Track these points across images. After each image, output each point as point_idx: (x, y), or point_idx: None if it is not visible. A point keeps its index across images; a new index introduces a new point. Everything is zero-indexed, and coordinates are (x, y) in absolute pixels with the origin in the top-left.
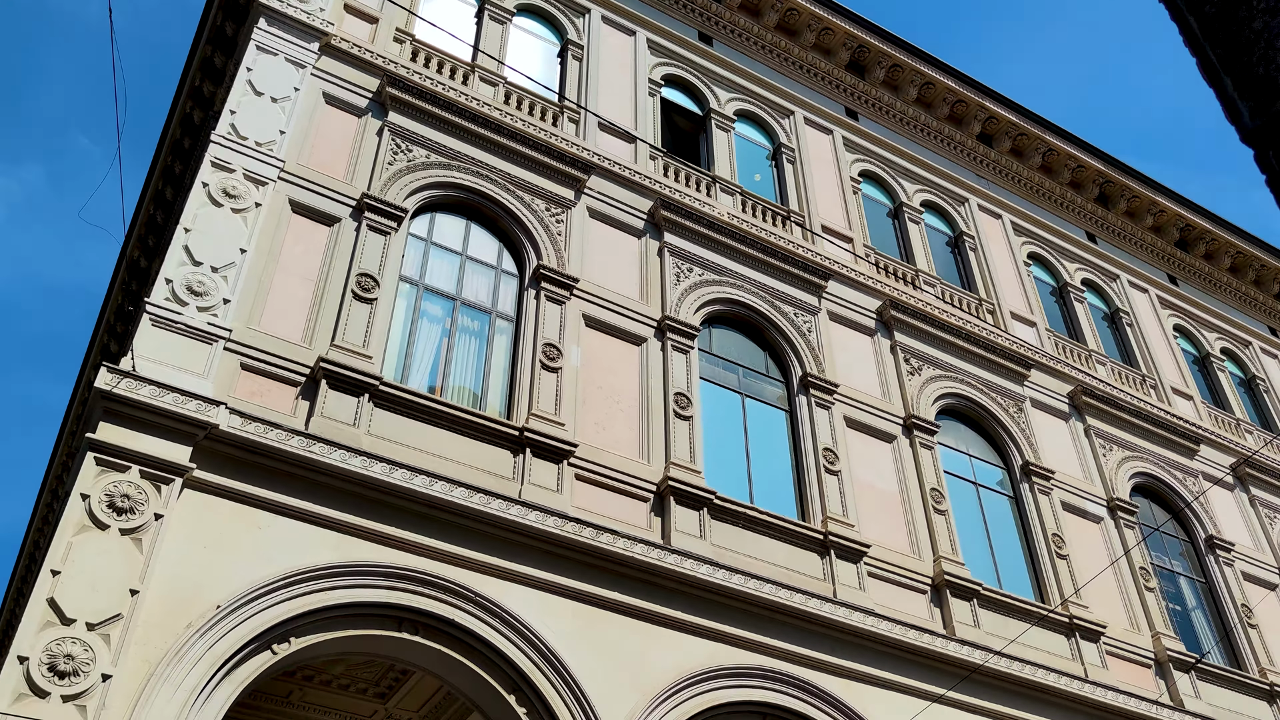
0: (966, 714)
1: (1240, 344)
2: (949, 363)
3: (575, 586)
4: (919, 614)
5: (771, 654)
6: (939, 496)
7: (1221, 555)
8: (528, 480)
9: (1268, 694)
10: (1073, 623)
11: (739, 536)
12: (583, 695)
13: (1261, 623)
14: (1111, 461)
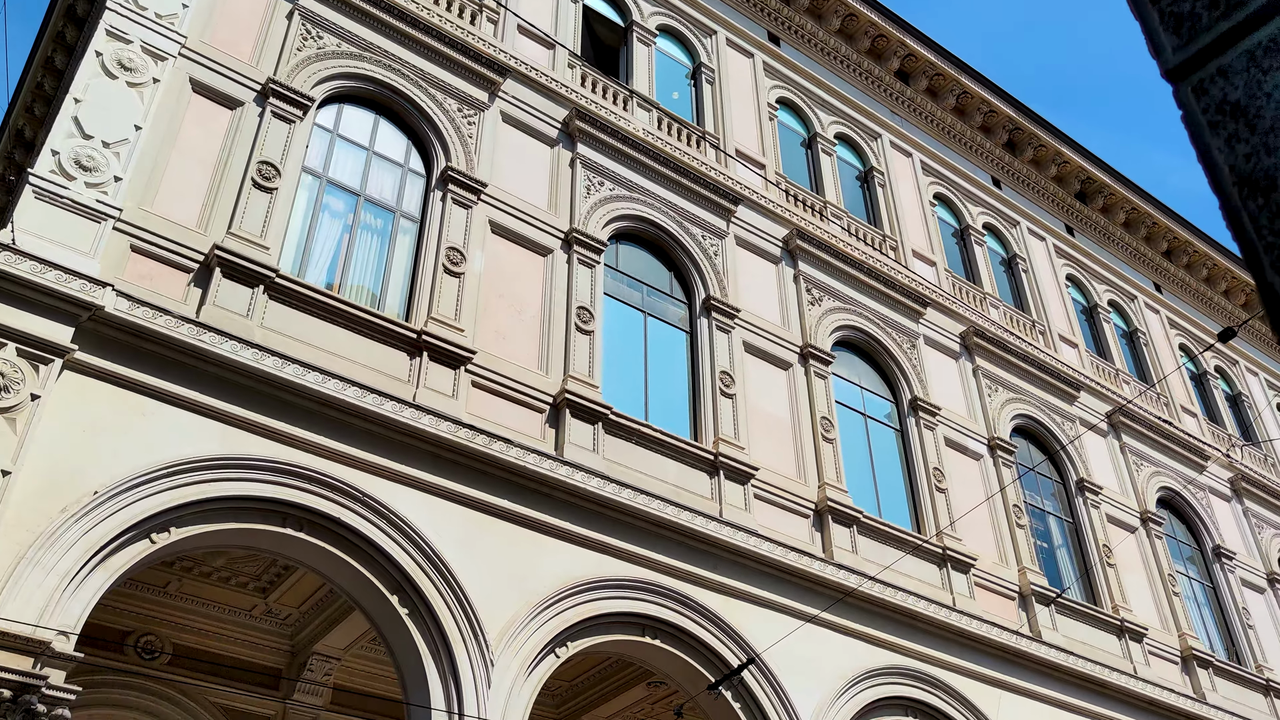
0: (838, 635)
1: (1127, 297)
2: (849, 295)
3: (465, 492)
4: (800, 537)
5: (656, 568)
6: (828, 425)
7: (1090, 497)
8: (423, 384)
9: (1118, 629)
10: (945, 553)
11: (632, 452)
12: (466, 599)
13: (1120, 563)
14: (996, 402)
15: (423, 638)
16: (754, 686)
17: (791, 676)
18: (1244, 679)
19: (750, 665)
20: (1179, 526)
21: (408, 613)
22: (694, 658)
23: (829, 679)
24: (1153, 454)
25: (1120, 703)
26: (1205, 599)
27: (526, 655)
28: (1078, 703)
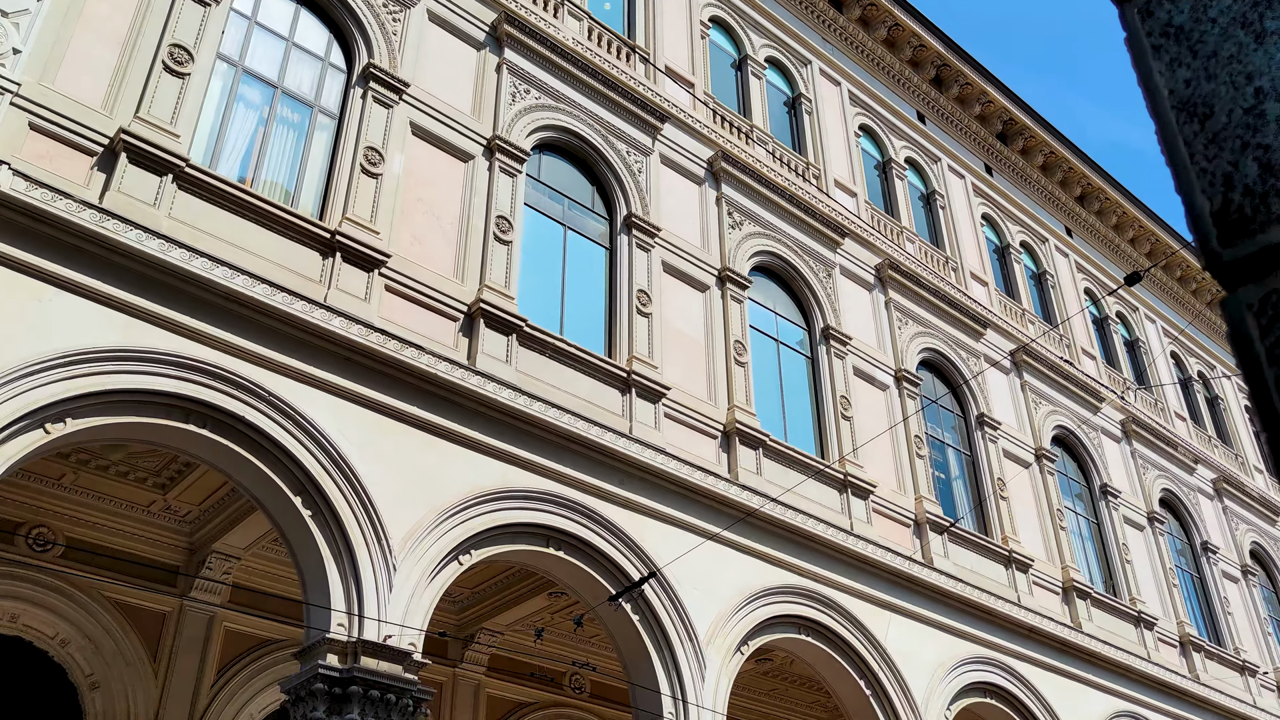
0: (738, 553)
1: (1038, 240)
2: (769, 221)
3: (374, 397)
4: (708, 457)
5: (563, 481)
6: (741, 349)
7: (988, 432)
8: (335, 285)
9: (1005, 559)
10: (847, 479)
11: (545, 366)
12: (370, 503)
13: (1012, 496)
14: (905, 335)
15: (325, 540)
16: (653, 600)
17: (690, 591)
18: (1118, 610)
19: (651, 579)
20: (1070, 464)
21: (311, 514)
22: (596, 570)
23: (727, 595)
24: (1051, 393)
25: (1003, 629)
26: (1089, 534)
27: (429, 562)
28: (963, 628)
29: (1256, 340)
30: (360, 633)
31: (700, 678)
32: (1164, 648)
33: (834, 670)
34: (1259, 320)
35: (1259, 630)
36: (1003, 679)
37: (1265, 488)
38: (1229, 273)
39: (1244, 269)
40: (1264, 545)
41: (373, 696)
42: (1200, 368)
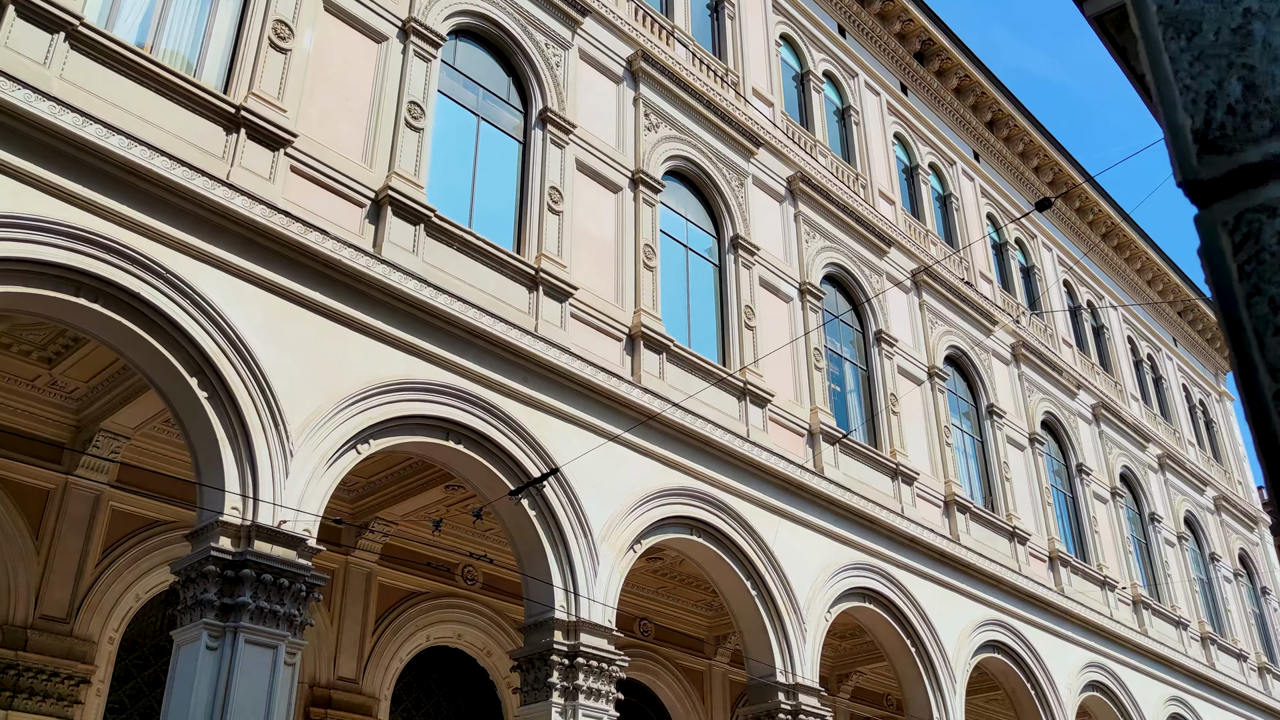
0: (637, 455)
1: (946, 162)
2: (686, 125)
3: (275, 280)
4: (612, 359)
5: (466, 375)
6: (650, 253)
7: (885, 349)
8: (238, 162)
9: (893, 471)
10: (746, 388)
11: (452, 258)
12: (269, 388)
13: (903, 412)
14: (812, 248)
15: (221, 423)
16: (551, 497)
17: (588, 490)
18: (995, 525)
19: (551, 477)
20: (960, 383)
21: (207, 396)
22: (496, 465)
23: (623, 495)
24: (947, 314)
25: (886, 538)
26: (973, 451)
27: (327, 449)
28: (849, 535)
29: (1229, 257)
30: (255, 517)
31: (593, 573)
32: (1034, 562)
33: (722, 571)
34: (1232, 237)
35: (1121, 549)
36: (882, 585)
37: (1140, 415)
38: (1205, 190)
39: (1220, 187)
40: (1133, 470)
41: (265, 581)
42: (1090, 297)
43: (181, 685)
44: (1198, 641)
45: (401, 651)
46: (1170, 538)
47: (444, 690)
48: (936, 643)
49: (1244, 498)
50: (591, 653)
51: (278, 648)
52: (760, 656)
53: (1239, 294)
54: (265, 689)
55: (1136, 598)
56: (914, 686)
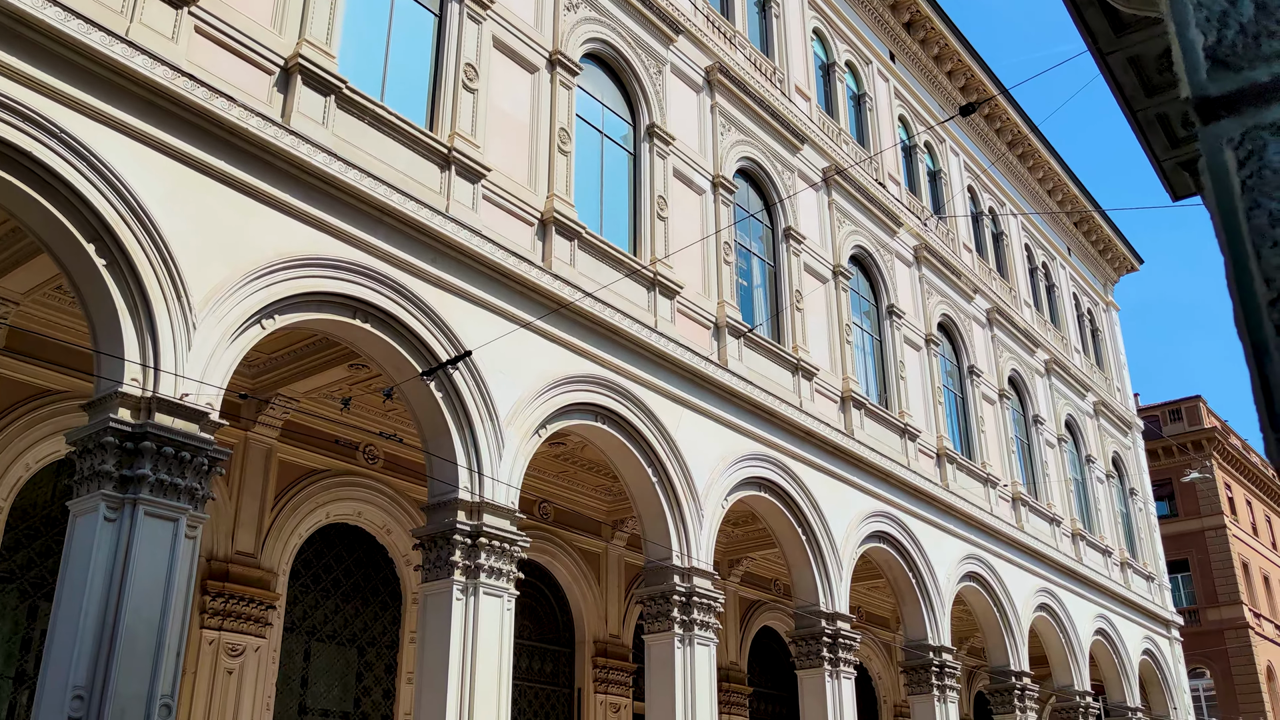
0: (545, 342)
1: (863, 61)
2: (605, 7)
3: (178, 146)
4: (523, 244)
5: (375, 254)
6: (566, 137)
7: (793, 245)
8: (138, 19)
9: (794, 366)
10: (656, 278)
11: (363, 133)
12: (171, 258)
13: (807, 308)
14: (727, 141)
15: (120, 292)
16: (458, 379)
17: (495, 374)
18: (887, 421)
19: (461, 360)
20: (864, 283)
21: (105, 264)
22: (403, 346)
23: (530, 381)
24: (855, 213)
25: (784, 431)
26: (871, 350)
27: (231, 324)
28: (748, 427)
29: (1232, 171)
30: (155, 389)
31: (498, 456)
32: (923, 458)
33: (625, 457)
34: (1237, 153)
35: (1005, 449)
36: (778, 476)
37: (1031, 321)
38: (1212, 106)
39: (1228, 103)
40: (1021, 373)
41: (166, 454)
42: (992, 204)
43: (78, 556)
44: (1069, 537)
45: (301, 528)
46: (1051, 439)
47: (343, 566)
48: (826, 531)
49: (1121, 403)
50: (494, 533)
51: (178, 520)
52: (658, 540)
53: (1240, 207)
54: (165, 561)
55: (1016, 495)
56: (802, 572)
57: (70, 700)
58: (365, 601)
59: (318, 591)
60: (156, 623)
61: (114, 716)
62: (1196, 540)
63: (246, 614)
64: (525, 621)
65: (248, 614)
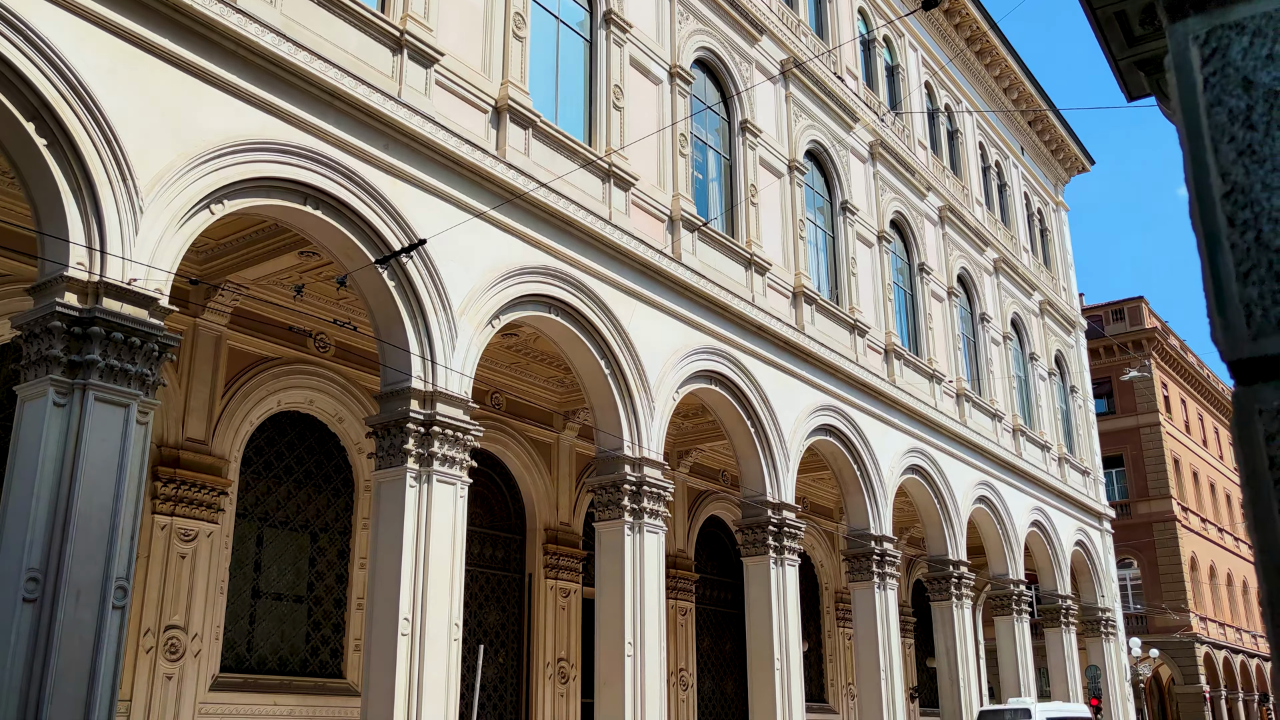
0: (499, 232)
1: None
2: None
3: (122, 24)
4: (477, 132)
5: (326, 139)
6: (521, 22)
7: (749, 139)
8: None
9: (747, 261)
10: (611, 170)
11: (312, 12)
12: (115, 139)
13: (761, 203)
14: (684, 30)
15: (63, 173)
16: (411, 269)
17: (448, 264)
18: (838, 317)
19: (414, 249)
20: (818, 178)
21: (46, 144)
22: (355, 234)
23: (484, 271)
24: (812, 108)
25: (736, 325)
26: (824, 245)
27: (179, 208)
28: (702, 321)
29: (1196, 68)
30: (103, 273)
31: (451, 346)
32: (871, 353)
33: (578, 349)
34: (1201, 50)
35: (951, 345)
36: (729, 369)
37: (982, 220)
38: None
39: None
40: (970, 271)
41: (116, 339)
42: (948, 100)
43: (28, 441)
44: (1009, 433)
45: (252, 415)
46: (997, 337)
47: (295, 454)
48: (774, 424)
49: (1066, 303)
50: (447, 422)
51: (129, 407)
52: (610, 431)
53: (1201, 103)
54: (117, 447)
55: (960, 391)
56: (750, 463)
57: (25, 582)
58: (317, 488)
59: (270, 478)
60: (109, 507)
61: (69, 598)
62: (1131, 437)
63: (198, 500)
64: (477, 509)
65: (199, 500)
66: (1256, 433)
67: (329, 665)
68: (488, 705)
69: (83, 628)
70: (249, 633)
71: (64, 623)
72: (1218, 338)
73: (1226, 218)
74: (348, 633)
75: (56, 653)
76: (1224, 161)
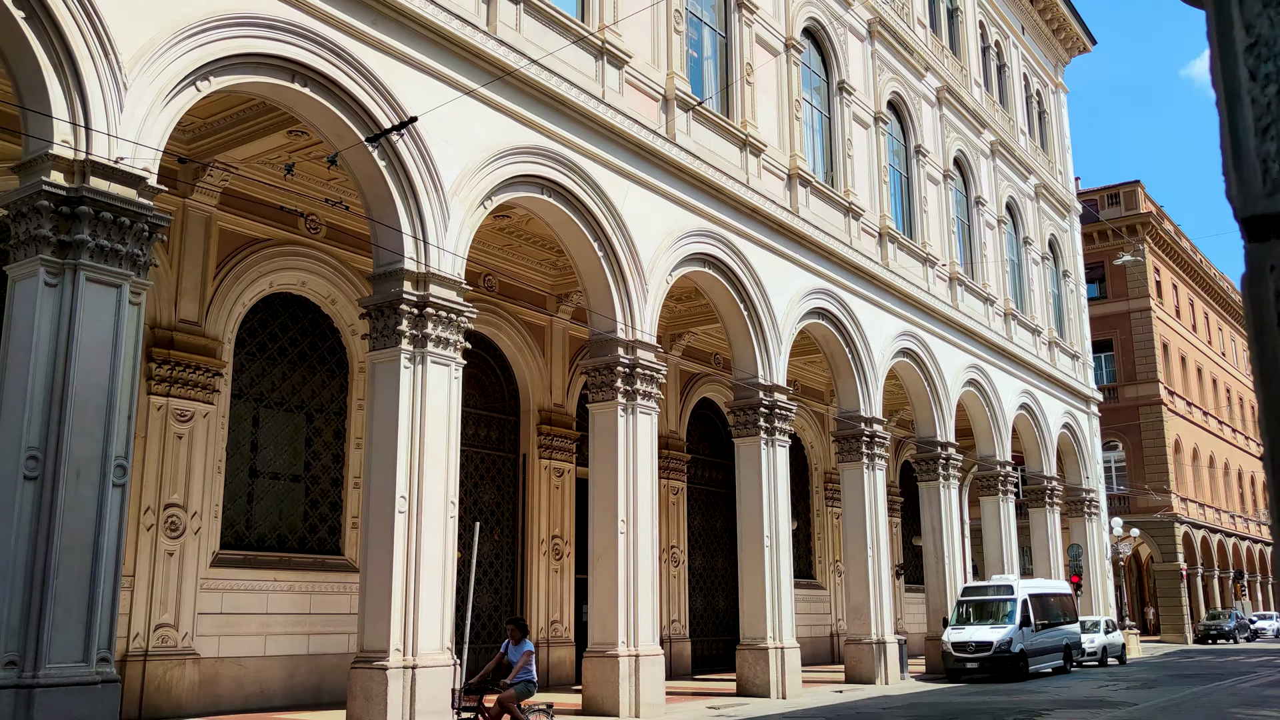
0: (491, 110)
1: None
2: None
3: None
4: (467, 6)
5: (312, 13)
6: None
7: (745, 15)
8: None
9: (742, 142)
10: (604, 47)
11: None
12: (96, 12)
13: (757, 83)
14: None
15: (44, 48)
16: (402, 148)
17: (440, 144)
18: (833, 200)
19: (405, 127)
20: (815, 57)
21: (24, 16)
22: (344, 112)
23: (475, 151)
24: None
25: (730, 208)
26: (820, 127)
27: (164, 84)
28: (695, 203)
29: None
30: (89, 151)
31: (443, 227)
32: (865, 237)
33: (570, 231)
34: None
35: (945, 229)
36: (723, 252)
37: (980, 101)
38: None
39: None
40: (967, 154)
41: (105, 219)
42: None
43: (21, 321)
44: (1001, 317)
45: (244, 297)
46: (991, 221)
47: (289, 335)
48: (767, 307)
49: (1062, 187)
50: (440, 303)
51: (121, 287)
52: (603, 313)
53: None
54: (110, 327)
55: (953, 275)
56: (743, 346)
57: (25, 460)
58: (312, 369)
59: (264, 359)
60: (105, 387)
61: (70, 476)
62: (1122, 321)
63: (193, 381)
64: (472, 391)
65: (194, 381)
66: (1266, 289)
67: (327, 543)
68: (484, 580)
69: (84, 504)
70: (247, 511)
71: (65, 500)
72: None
73: (1248, 71)
74: (345, 511)
75: (60, 529)
76: (1249, 14)
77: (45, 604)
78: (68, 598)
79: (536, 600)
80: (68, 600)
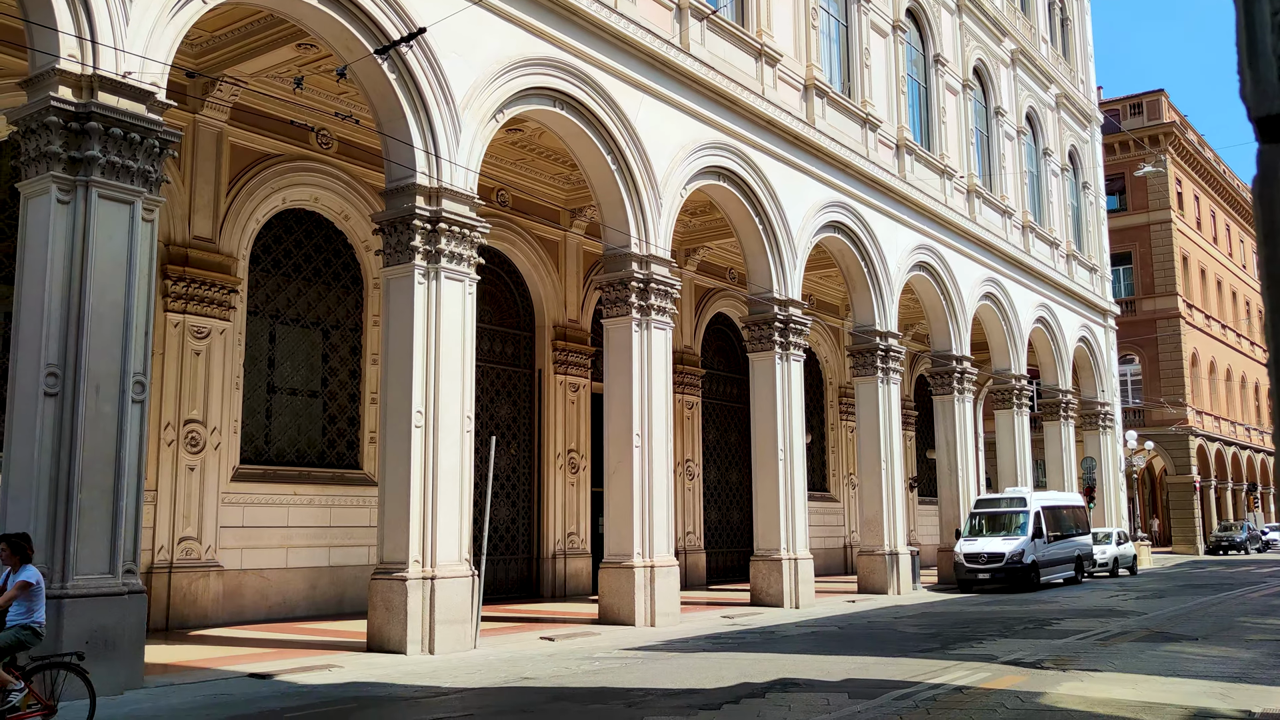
0: (500, 20)
1: None
2: None
3: None
4: None
5: None
6: None
7: None
8: None
9: (757, 52)
10: None
11: None
12: None
13: None
14: None
15: None
16: (412, 60)
17: (450, 56)
18: (850, 111)
19: (414, 38)
20: None
21: None
22: (353, 23)
23: (486, 63)
24: None
25: (745, 120)
26: (837, 36)
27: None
28: (710, 115)
29: None
30: (96, 65)
31: (455, 141)
32: (882, 148)
33: (583, 144)
34: None
35: (964, 140)
36: (737, 165)
37: (1000, 8)
38: None
39: None
40: (986, 63)
41: (115, 135)
42: None
43: (35, 239)
44: (1019, 229)
45: (258, 213)
46: (1011, 132)
47: (303, 251)
48: (783, 221)
49: (1084, 96)
50: (453, 218)
51: (134, 204)
52: (617, 228)
53: None
54: (125, 244)
55: (971, 187)
56: (758, 261)
57: (45, 377)
58: (327, 286)
59: (279, 276)
60: (121, 304)
61: (90, 392)
62: (1141, 234)
63: (209, 298)
64: (486, 306)
65: (210, 298)
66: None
67: (346, 457)
68: (501, 493)
69: (105, 420)
70: (266, 427)
71: (86, 416)
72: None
73: None
74: (363, 426)
75: (81, 444)
76: None
77: (70, 517)
78: (92, 511)
79: (553, 513)
80: (92, 514)
